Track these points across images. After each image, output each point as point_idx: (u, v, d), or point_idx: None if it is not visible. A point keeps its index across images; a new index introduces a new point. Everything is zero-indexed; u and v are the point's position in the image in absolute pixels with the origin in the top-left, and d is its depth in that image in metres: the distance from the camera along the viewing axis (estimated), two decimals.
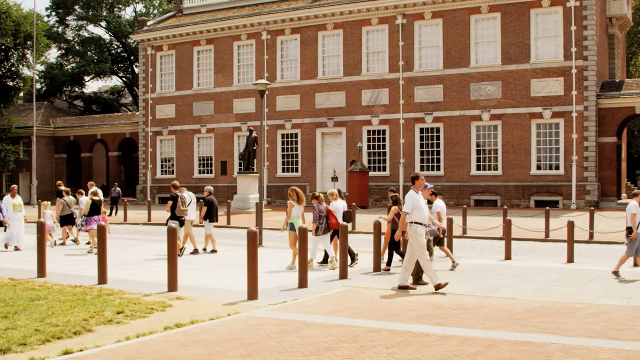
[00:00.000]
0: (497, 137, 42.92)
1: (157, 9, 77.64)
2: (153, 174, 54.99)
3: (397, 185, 45.19)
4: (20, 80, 60.84)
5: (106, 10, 76.19)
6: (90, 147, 63.19)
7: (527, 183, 41.79)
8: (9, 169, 59.33)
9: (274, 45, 49.83)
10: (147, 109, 55.34)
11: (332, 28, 47.75)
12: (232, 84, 51.49)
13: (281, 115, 49.48)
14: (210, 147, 52.72)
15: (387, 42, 45.98)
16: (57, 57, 77.65)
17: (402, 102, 45.23)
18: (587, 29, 40.73)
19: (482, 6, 43.24)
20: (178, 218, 20.79)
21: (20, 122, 60.63)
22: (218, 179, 51.53)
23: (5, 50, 56.64)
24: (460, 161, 43.73)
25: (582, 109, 40.75)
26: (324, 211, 18.16)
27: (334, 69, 47.93)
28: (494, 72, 42.90)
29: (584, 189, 40.51)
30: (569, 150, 41.00)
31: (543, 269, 17.51)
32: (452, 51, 44.01)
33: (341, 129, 47.48)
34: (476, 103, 43.33)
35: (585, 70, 40.72)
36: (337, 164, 47.82)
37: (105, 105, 77.19)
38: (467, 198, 43.24)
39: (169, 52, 54.52)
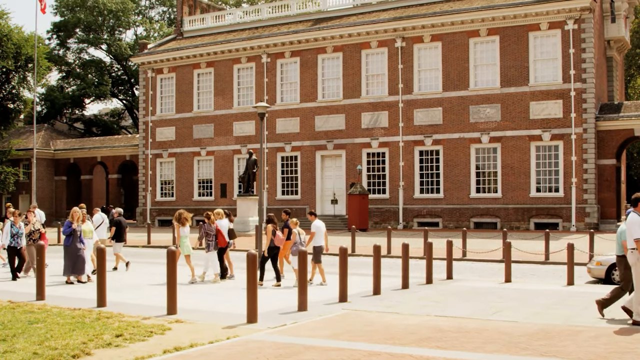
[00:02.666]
0: (497, 160, 42.97)
1: (157, 32, 78.00)
2: (153, 196, 54.98)
3: (397, 208, 45.18)
4: (20, 103, 60.94)
5: (107, 34, 76.54)
6: (90, 170, 63.21)
7: (527, 205, 41.79)
8: (9, 191, 59.29)
9: (273, 68, 50.04)
10: (147, 132, 55.46)
11: (332, 51, 47.97)
12: (232, 106, 51.63)
13: (281, 137, 49.57)
14: (210, 169, 52.77)
15: (386, 65, 46.16)
16: (58, 79, 77.87)
17: (402, 125, 45.34)
18: (586, 51, 40.92)
19: (480, 29, 43.46)
20: None
21: (21, 144, 60.69)
22: (218, 202, 51.49)
23: (6, 72, 56.78)
24: (459, 184, 43.75)
25: (581, 131, 40.84)
26: (214, 230, 20.39)
27: (334, 91, 48.08)
28: (493, 94, 43.04)
29: (583, 211, 40.50)
30: (568, 172, 41.04)
31: (543, 292, 17.47)
32: (452, 74, 44.18)
33: (341, 152, 47.55)
34: (475, 125, 43.43)
35: (584, 92, 40.86)
36: (336, 186, 47.85)
37: (106, 127, 77.31)
38: (467, 221, 43.20)
39: (170, 75, 54.72)
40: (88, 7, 74.01)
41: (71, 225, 19.76)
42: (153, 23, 79.89)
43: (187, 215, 21.03)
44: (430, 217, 44.46)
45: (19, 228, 21.32)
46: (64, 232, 19.79)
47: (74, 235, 19.78)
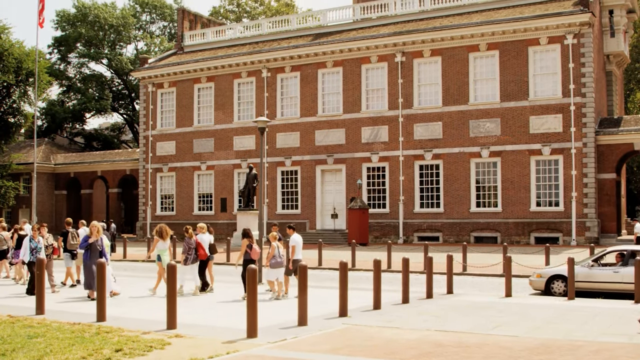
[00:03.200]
0: (497, 174, 42.98)
1: (158, 47, 78.25)
2: (153, 210, 54.98)
3: (397, 222, 45.17)
4: (21, 117, 61.08)
5: (108, 48, 76.80)
6: (91, 184, 63.26)
7: (527, 220, 41.78)
8: (9, 205, 59.31)
9: (274, 82, 50.15)
10: (148, 146, 55.52)
11: (332, 66, 48.09)
12: (232, 121, 51.70)
13: (281, 152, 49.62)
14: (210, 184, 52.79)
15: (386, 80, 46.26)
16: (59, 94, 78.06)
17: (402, 139, 45.39)
18: (585, 66, 41.02)
19: (480, 44, 43.59)
20: (70, 251, 23.02)
21: (21, 159, 60.77)
22: (218, 216, 51.51)
23: (7, 87, 56.93)
24: (460, 198, 43.75)
25: (581, 146, 40.88)
26: (194, 244, 20.95)
27: (334, 106, 48.16)
28: (493, 109, 43.12)
29: (583, 225, 40.49)
30: (568, 186, 41.05)
31: (544, 306, 17.45)
32: (451, 88, 44.28)
33: (341, 166, 47.58)
34: (475, 140, 43.48)
35: (584, 107, 40.93)
36: (336, 201, 47.84)
37: (106, 142, 77.43)
38: (467, 235, 43.17)
39: (170, 90, 54.84)
40: (89, 21, 74.32)
41: (87, 240, 19.44)
42: (154, 38, 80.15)
43: (168, 229, 21.41)
44: (430, 232, 44.43)
45: (37, 243, 21.03)
46: (81, 247, 19.57)
47: (92, 250, 19.37)
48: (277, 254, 19.81)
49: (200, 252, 21.06)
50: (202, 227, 21.82)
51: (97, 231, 19.59)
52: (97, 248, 19.47)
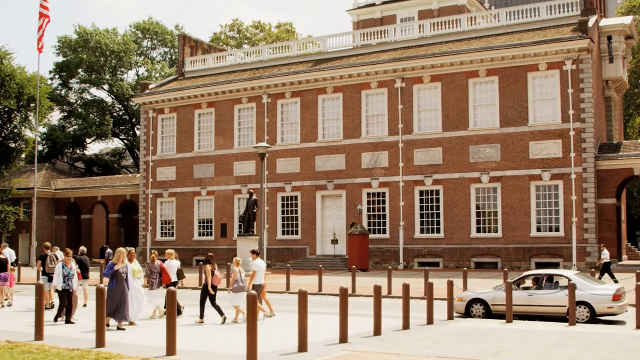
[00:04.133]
0: (497, 199, 42.99)
1: (159, 72, 78.57)
2: (153, 236, 54.91)
3: (397, 248, 45.10)
4: (22, 142, 61.18)
5: (109, 74, 77.12)
6: (91, 209, 63.23)
7: (528, 245, 41.71)
8: (9, 230, 59.22)
9: (274, 108, 50.30)
10: (148, 171, 55.58)
11: (332, 91, 48.27)
12: (232, 146, 51.79)
13: (281, 177, 49.66)
14: (210, 209, 52.76)
15: (386, 106, 46.40)
16: (60, 119, 78.25)
17: (402, 165, 45.45)
18: (584, 91, 41.17)
19: (479, 70, 43.79)
20: (48, 275, 23.54)
21: (21, 184, 60.78)
22: (218, 242, 51.44)
23: (8, 112, 57.08)
24: (460, 223, 43.72)
25: (580, 171, 40.93)
26: (157, 268, 21.54)
27: (334, 131, 48.27)
28: (492, 134, 43.22)
29: (584, 250, 40.42)
30: (568, 211, 41.03)
31: (545, 332, 17.39)
32: (451, 114, 44.41)
33: (341, 192, 47.59)
34: (475, 165, 43.53)
35: (583, 132, 41.03)
36: (337, 226, 47.79)
37: (106, 167, 77.52)
38: (468, 260, 43.09)
39: (170, 115, 54.99)
40: (90, 47, 74.68)
41: (113, 267, 18.80)
42: (154, 64, 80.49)
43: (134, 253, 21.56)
44: (430, 257, 44.35)
45: (70, 269, 20.20)
46: (106, 274, 18.93)
47: (118, 277, 18.82)
48: (239, 279, 20.22)
49: (164, 277, 21.57)
50: (170, 253, 22.37)
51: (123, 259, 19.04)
52: (122, 276, 18.88)
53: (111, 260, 19.09)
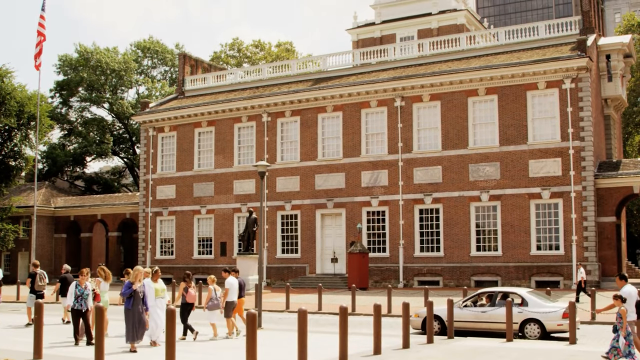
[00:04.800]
0: (497, 218, 42.98)
1: (159, 91, 78.77)
2: (152, 254, 54.83)
3: (397, 266, 45.03)
4: (22, 160, 61.23)
5: (109, 92, 77.30)
6: (90, 227, 63.18)
7: (528, 263, 41.65)
8: (8, 248, 59.16)
9: (274, 127, 50.38)
10: (148, 190, 55.58)
11: (332, 110, 48.37)
12: (232, 165, 51.83)
13: (281, 196, 49.65)
14: (210, 228, 52.72)
15: (386, 124, 46.49)
16: (60, 137, 78.37)
17: (402, 183, 45.47)
18: (583, 110, 41.28)
19: (479, 88, 43.91)
20: (37, 292, 24.70)
21: (21, 202, 60.76)
22: (217, 260, 51.35)
23: (9, 130, 57.18)
24: (460, 242, 43.68)
25: (580, 189, 40.94)
26: None
27: (334, 150, 48.32)
28: (492, 153, 43.27)
29: (584, 269, 40.31)
30: (568, 230, 41.01)
31: (545, 351, 17.35)
32: (451, 133, 44.48)
33: (341, 210, 47.58)
34: (475, 184, 43.56)
35: (583, 150, 41.09)
36: (336, 245, 47.74)
37: (106, 185, 77.54)
38: (468, 279, 43.02)
39: (170, 134, 55.07)
40: (91, 66, 74.92)
41: (131, 286, 18.13)
42: (155, 82, 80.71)
43: (109, 271, 22.29)
44: (430, 276, 44.28)
45: (84, 289, 19.74)
46: (124, 294, 18.16)
47: (136, 297, 18.15)
48: (214, 297, 20.66)
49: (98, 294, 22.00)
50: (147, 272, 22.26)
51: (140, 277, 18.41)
52: (139, 296, 18.26)
53: (129, 279, 18.55)
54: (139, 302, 18.21)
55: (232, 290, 21.39)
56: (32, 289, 25.07)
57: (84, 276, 20.21)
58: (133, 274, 18.48)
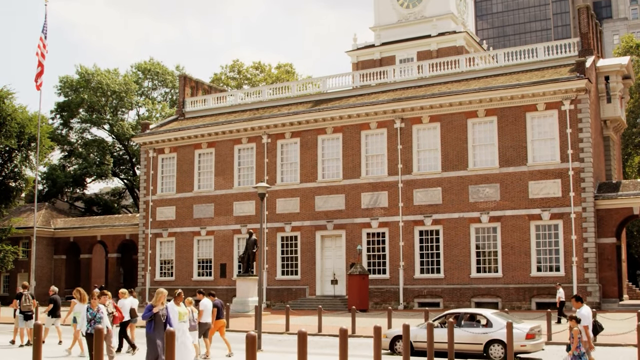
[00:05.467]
0: (497, 239, 42.94)
1: (159, 112, 78.98)
2: (152, 275, 54.73)
3: (397, 288, 44.92)
4: (22, 182, 61.22)
5: (110, 114, 77.46)
6: (90, 249, 63.09)
7: (528, 285, 41.56)
8: (8, 269, 59.04)
9: (274, 148, 50.46)
10: (148, 211, 55.56)
11: (332, 132, 48.47)
12: (232, 186, 51.86)
13: (281, 217, 49.64)
14: (210, 249, 52.64)
15: (386, 146, 46.56)
16: (60, 158, 78.45)
17: (402, 205, 45.48)
18: (583, 131, 41.36)
19: (478, 110, 44.04)
20: (24, 313, 25.45)
21: (21, 223, 60.70)
22: (217, 282, 51.24)
23: (9, 151, 57.25)
24: (460, 263, 43.61)
25: (580, 210, 40.94)
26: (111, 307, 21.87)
27: (334, 172, 48.36)
28: (492, 174, 43.32)
29: (585, 290, 40.25)
30: (568, 251, 40.96)
31: None
32: (450, 154, 44.55)
33: (341, 232, 47.54)
34: (475, 205, 43.56)
35: (582, 171, 41.13)
36: (336, 266, 47.65)
37: (106, 206, 77.51)
38: (468, 301, 42.90)
39: (171, 155, 55.13)
40: (91, 87, 75.14)
41: (152, 309, 17.23)
42: (155, 104, 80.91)
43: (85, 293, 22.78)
44: (431, 297, 44.16)
45: (96, 312, 19.18)
46: (144, 317, 17.29)
47: (156, 321, 17.24)
48: (191, 318, 20.38)
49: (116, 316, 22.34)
50: (123, 293, 23.87)
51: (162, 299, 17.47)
52: (161, 319, 17.32)
53: (150, 302, 17.66)
54: (160, 326, 17.21)
55: (206, 312, 21.91)
56: (19, 309, 25.76)
57: (95, 299, 19.68)
58: (156, 296, 17.53)
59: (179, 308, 18.30)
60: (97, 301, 19.61)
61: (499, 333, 21.83)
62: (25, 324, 25.87)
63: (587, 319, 17.67)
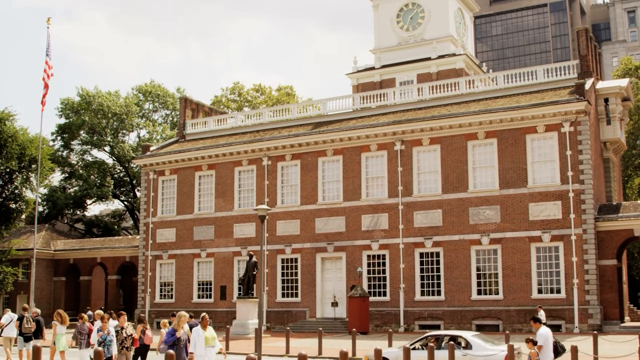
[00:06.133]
0: (497, 261, 42.88)
1: (160, 134, 79.14)
2: (152, 298, 54.59)
3: (398, 310, 44.80)
4: (22, 203, 61.19)
5: (110, 136, 77.59)
6: (90, 271, 62.98)
7: (529, 307, 41.41)
8: (7, 291, 58.91)
9: (274, 170, 50.51)
10: (148, 233, 55.52)
11: (332, 154, 48.55)
12: (232, 208, 51.85)
13: (281, 240, 49.59)
14: (210, 271, 52.53)
15: (386, 168, 46.62)
16: (60, 180, 78.50)
17: (402, 227, 45.45)
18: (583, 153, 41.43)
19: (478, 132, 44.14)
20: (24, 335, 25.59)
21: (21, 244, 60.64)
22: (217, 304, 51.11)
23: (10, 173, 57.31)
24: (460, 286, 43.52)
25: (580, 232, 40.91)
26: (86, 329, 22.25)
27: (334, 194, 48.37)
28: (492, 196, 43.33)
29: (586, 312, 40.15)
30: (569, 273, 40.88)
31: None
32: (451, 176, 44.59)
33: (341, 254, 47.48)
34: (475, 227, 43.53)
35: (582, 193, 41.14)
36: (337, 288, 47.53)
37: (106, 228, 77.47)
38: (469, 323, 42.77)
39: (171, 177, 55.17)
40: (92, 109, 75.31)
41: (174, 334, 16.85)
42: (156, 126, 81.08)
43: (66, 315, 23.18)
44: (431, 320, 44.03)
45: (107, 334, 18.81)
46: (166, 342, 16.90)
47: (179, 346, 16.83)
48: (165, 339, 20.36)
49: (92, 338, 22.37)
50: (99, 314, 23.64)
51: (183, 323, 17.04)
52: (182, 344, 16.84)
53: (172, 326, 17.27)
54: (181, 350, 16.79)
55: None
56: (20, 331, 25.92)
57: (105, 322, 19.32)
58: (177, 319, 17.05)
59: (206, 333, 17.40)
60: (105, 324, 19.19)
61: (477, 355, 22.57)
62: (25, 346, 26.09)
63: (543, 338, 17.97)
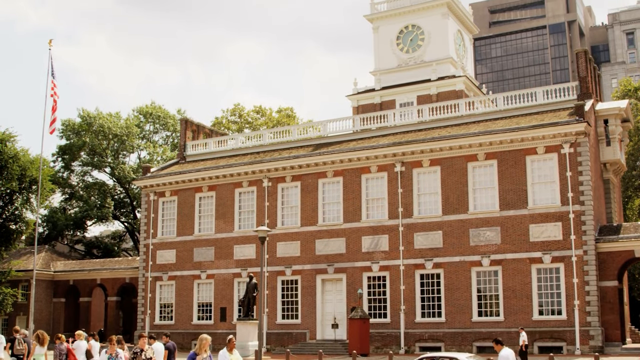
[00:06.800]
0: (498, 283, 42.78)
1: (160, 156, 79.28)
2: (152, 319, 54.41)
3: (398, 332, 44.64)
4: (22, 224, 61.22)
5: (111, 157, 77.71)
6: (90, 292, 62.85)
7: (530, 329, 41.22)
8: (7, 312, 58.74)
9: (274, 192, 50.53)
10: (148, 254, 55.44)
11: (332, 175, 48.59)
12: (233, 230, 51.82)
13: (281, 261, 49.52)
14: (210, 293, 52.40)
15: (386, 189, 46.63)
16: (61, 201, 78.54)
17: (402, 249, 45.41)
18: (583, 174, 41.46)
19: (478, 154, 44.20)
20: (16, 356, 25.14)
21: (21, 265, 60.56)
22: (217, 326, 50.94)
23: (10, 194, 57.35)
24: (461, 307, 43.39)
25: (581, 253, 40.86)
26: (64, 350, 22.40)
27: (334, 215, 48.36)
28: (492, 217, 43.31)
29: (587, 334, 40.00)
30: (570, 294, 40.78)
31: None
32: (451, 198, 44.60)
33: (341, 275, 47.39)
34: (476, 249, 43.49)
35: (583, 214, 41.13)
36: (337, 310, 47.40)
37: (106, 249, 77.38)
38: (470, 345, 42.60)
39: (171, 198, 55.19)
40: (93, 131, 75.51)
41: (195, 358, 16.24)
42: (156, 147, 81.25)
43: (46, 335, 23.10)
44: (432, 342, 43.86)
45: (115, 357, 18.64)
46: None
47: None
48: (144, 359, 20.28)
49: (70, 358, 22.64)
50: (79, 334, 24.07)
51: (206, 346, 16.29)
52: None
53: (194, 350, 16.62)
54: None
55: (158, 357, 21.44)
56: (12, 353, 25.93)
57: (112, 344, 19.05)
58: (199, 343, 16.37)
59: (232, 356, 16.66)
60: (113, 347, 18.93)
61: None
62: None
63: None
